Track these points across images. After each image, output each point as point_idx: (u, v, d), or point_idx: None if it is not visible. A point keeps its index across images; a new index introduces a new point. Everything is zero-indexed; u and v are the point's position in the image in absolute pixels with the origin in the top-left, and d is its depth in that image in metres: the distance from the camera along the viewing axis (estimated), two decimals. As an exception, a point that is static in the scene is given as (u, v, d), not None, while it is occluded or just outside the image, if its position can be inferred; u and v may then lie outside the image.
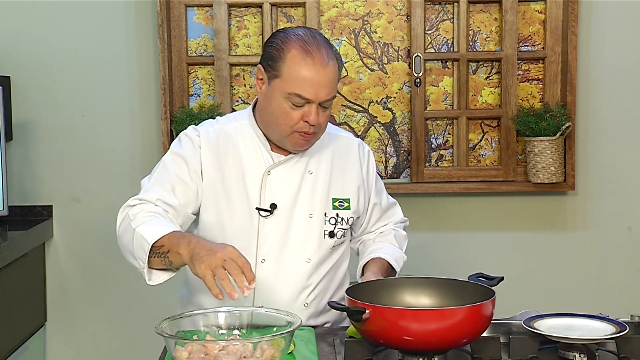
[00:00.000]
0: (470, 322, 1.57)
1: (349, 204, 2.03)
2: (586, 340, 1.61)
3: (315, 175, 2.00)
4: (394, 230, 2.20)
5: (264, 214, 1.94)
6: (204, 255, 1.62)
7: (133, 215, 1.82)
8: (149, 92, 3.08)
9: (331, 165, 2.03)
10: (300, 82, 1.85)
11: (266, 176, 1.96)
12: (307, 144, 1.94)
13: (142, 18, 3.06)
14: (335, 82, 1.90)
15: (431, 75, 3.13)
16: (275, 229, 1.95)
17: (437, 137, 3.15)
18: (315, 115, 1.87)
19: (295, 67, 1.85)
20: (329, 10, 3.10)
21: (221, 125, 2.01)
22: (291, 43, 1.87)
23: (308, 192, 1.98)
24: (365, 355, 1.64)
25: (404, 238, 2.23)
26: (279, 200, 1.95)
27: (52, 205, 3.10)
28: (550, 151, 2.99)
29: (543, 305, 2.59)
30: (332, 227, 2.00)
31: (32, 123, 3.08)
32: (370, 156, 2.14)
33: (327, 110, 1.91)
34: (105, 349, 3.16)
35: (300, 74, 1.85)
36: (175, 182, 1.91)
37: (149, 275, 1.77)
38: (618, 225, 3.16)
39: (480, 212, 3.16)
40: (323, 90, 1.86)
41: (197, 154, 1.94)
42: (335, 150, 2.06)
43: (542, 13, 3.11)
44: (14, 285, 2.80)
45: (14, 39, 3.05)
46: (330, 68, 1.87)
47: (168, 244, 1.72)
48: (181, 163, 1.93)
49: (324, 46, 1.89)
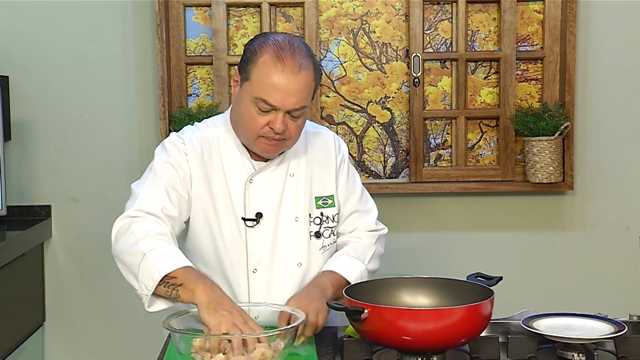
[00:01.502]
0: (468, 322, 1.57)
1: (332, 200, 1.99)
2: (585, 340, 1.61)
3: (296, 177, 1.96)
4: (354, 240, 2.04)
5: (250, 223, 1.91)
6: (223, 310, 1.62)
7: (140, 232, 1.75)
8: (147, 92, 3.08)
9: (309, 163, 1.99)
10: (267, 87, 1.79)
11: (249, 185, 1.92)
12: (274, 150, 1.88)
13: (140, 18, 3.05)
14: (307, 92, 1.82)
15: (430, 75, 3.13)
16: (263, 238, 1.91)
17: (436, 137, 3.16)
18: (281, 124, 1.81)
19: (265, 72, 1.80)
20: (328, 10, 3.10)
21: (202, 132, 1.96)
22: (265, 47, 1.82)
23: (292, 196, 1.95)
24: (364, 355, 1.64)
25: (367, 247, 2.04)
26: (264, 208, 1.92)
27: (50, 205, 3.10)
28: (548, 151, 2.99)
29: (541, 305, 2.58)
30: (317, 227, 1.97)
31: (30, 123, 3.08)
32: (343, 150, 2.06)
33: (297, 119, 1.84)
34: (104, 349, 3.16)
35: (268, 79, 1.79)
36: (169, 190, 1.85)
37: (150, 302, 1.72)
38: (616, 225, 3.16)
39: (478, 212, 3.16)
40: (290, 99, 1.79)
41: (185, 161, 1.89)
42: (312, 148, 2.00)
43: (541, 13, 3.11)
44: (12, 285, 2.80)
45: (12, 39, 3.05)
46: (302, 77, 1.80)
47: (182, 278, 1.68)
48: (171, 170, 1.87)
49: (300, 54, 1.82)
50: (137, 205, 1.80)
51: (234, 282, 1.92)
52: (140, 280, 1.71)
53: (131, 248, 1.74)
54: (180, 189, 1.87)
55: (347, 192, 2.04)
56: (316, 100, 3.07)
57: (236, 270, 1.92)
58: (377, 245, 2.07)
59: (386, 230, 2.11)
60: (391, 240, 3.12)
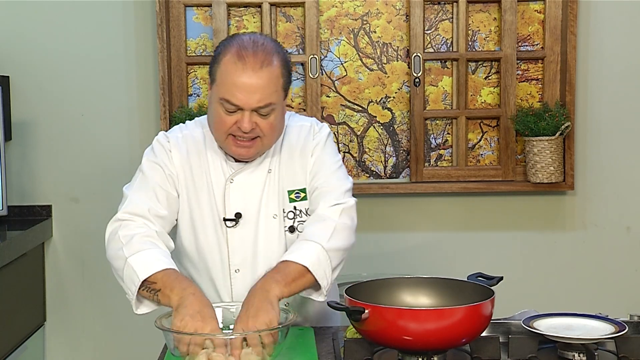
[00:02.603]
0: (469, 321, 1.57)
1: (305, 193, 1.93)
2: (585, 340, 1.61)
3: (273, 173, 1.93)
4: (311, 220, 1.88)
5: (229, 224, 1.90)
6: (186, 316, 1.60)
7: (125, 237, 1.77)
8: (148, 91, 3.08)
9: (285, 158, 1.94)
10: (229, 87, 1.77)
11: (229, 184, 1.90)
12: (247, 151, 1.84)
13: (141, 18, 3.06)
14: (271, 89, 1.78)
15: (430, 75, 3.13)
16: (243, 237, 1.90)
17: (437, 137, 3.16)
18: (248, 123, 1.77)
19: (227, 72, 1.78)
20: (328, 10, 3.10)
21: (190, 131, 1.96)
22: (228, 48, 1.80)
23: (270, 193, 1.92)
24: (365, 355, 1.64)
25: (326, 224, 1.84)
26: (244, 208, 1.90)
27: (51, 205, 3.10)
28: (549, 151, 2.99)
29: (542, 304, 2.59)
30: (291, 221, 1.93)
31: (31, 123, 3.08)
32: (319, 134, 1.96)
33: (267, 117, 1.80)
34: (104, 349, 3.16)
35: (230, 78, 1.77)
36: (157, 190, 1.87)
37: (136, 305, 1.76)
38: (617, 225, 3.16)
39: (479, 212, 3.16)
40: (253, 97, 1.76)
41: (170, 160, 1.90)
42: (289, 142, 1.95)
43: (541, 13, 3.11)
44: (13, 285, 2.80)
45: (13, 39, 3.05)
46: (264, 74, 1.76)
47: (161, 283, 1.69)
48: (158, 170, 1.90)
49: (264, 51, 1.78)
50: (125, 207, 1.84)
51: (218, 282, 1.92)
52: (125, 284, 1.75)
53: (117, 253, 1.77)
54: (169, 187, 1.89)
55: (315, 169, 1.94)
56: (316, 100, 3.07)
57: (219, 270, 1.91)
58: (342, 219, 1.86)
59: (352, 201, 1.90)
60: (392, 240, 3.15)
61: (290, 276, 1.73)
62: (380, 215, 3.15)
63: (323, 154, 1.94)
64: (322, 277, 1.77)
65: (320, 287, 1.78)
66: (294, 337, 1.78)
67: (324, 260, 1.78)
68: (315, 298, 1.82)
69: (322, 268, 1.77)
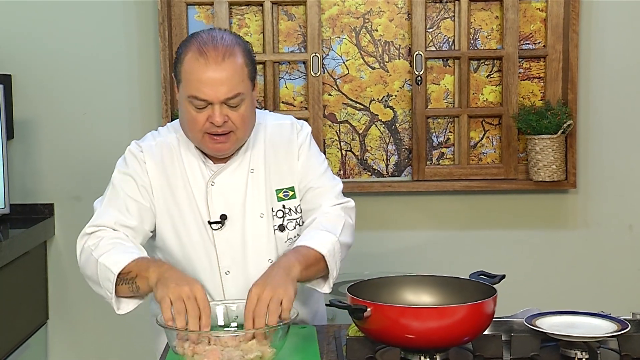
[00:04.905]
0: (471, 320, 1.57)
1: (293, 192, 1.94)
2: (588, 338, 1.61)
3: (257, 173, 1.92)
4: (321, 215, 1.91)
5: (215, 226, 1.88)
6: (171, 282, 1.60)
7: (93, 245, 1.79)
8: (150, 90, 3.08)
9: (269, 157, 1.94)
10: (195, 83, 1.77)
11: (210, 187, 1.89)
12: (224, 147, 1.84)
13: (143, 16, 3.06)
14: (237, 79, 1.79)
15: (432, 74, 3.13)
16: (231, 238, 1.89)
17: (438, 136, 3.15)
18: (220, 116, 1.78)
19: (190, 69, 1.78)
20: (330, 8, 3.10)
21: (163, 137, 1.95)
22: (189, 46, 1.81)
23: (254, 192, 1.91)
24: (367, 353, 1.64)
25: (337, 218, 1.91)
26: (228, 209, 1.89)
27: (53, 203, 3.11)
28: (551, 149, 2.99)
29: (545, 303, 2.58)
30: (280, 220, 1.92)
31: (33, 121, 3.09)
32: (302, 133, 1.97)
33: (238, 108, 1.80)
34: (107, 347, 3.17)
35: (195, 75, 1.78)
36: (127, 201, 1.87)
37: (117, 305, 1.76)
38: (619, 224, 3.16)
39: (481, 210, 3.16)
40: (220, 89, 1.77)
41: (144, 169, 1.90)
42: (270, 140, 1.95)
43: (543, 11, 3.11)
44: (15, 283, 2.80)
45: (15, 37, 3.05)
46: (228, 65, 1.77)
47: (136, 269, 1.70)
48: (130, 181, 1.89)
49: (224, 43, 1.79)
50: (92, 221, 1.87)
51: (208, 285, 1.89)
52: (102, 286, 1.74)
53: (88, 260, 1.79)
54: (140, 198, 1.88)
55: (305, 169, 1.96)
56: (318, 98, 3.07)
57: (208, 274, 1.90)
58: (347, 217, 1.93)
59: (352, 202, 1.98)
60: (394, 239, 3.15)
61: (308, 261, 1.75)
62: (382, 213, 3.15)
63: (310, 155, 1.96)
64: (333, 267, 1.80)
65: (328, 278, 1.80)
66: (296, 335, 1.78)
67: (337, 252, 1.82)
68: (320, 289, 1.83)
69: (334, 259, 1.80)
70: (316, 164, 1.97)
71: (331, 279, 1.81)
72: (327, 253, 1.78)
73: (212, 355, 1.53)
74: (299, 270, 1.71)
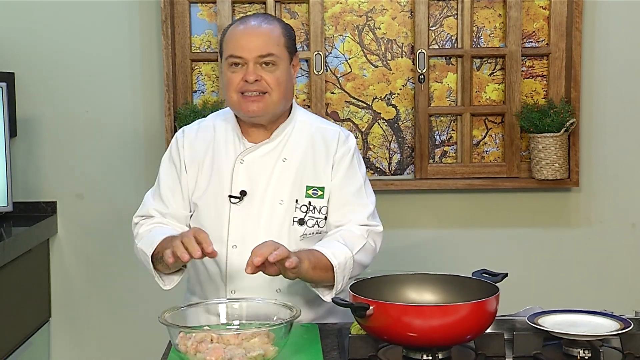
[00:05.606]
0: (474, 318, 1.57)
1: (323, 192, 1.98)
2: (590, 337, 1.61)
3: (288, 162, 1.98)
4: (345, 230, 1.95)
5: (234, 200, 1.96)
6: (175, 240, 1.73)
7: (136, 234, 2.00)
8: (152, 88, 3.08)
9: (306, 152, 2.00)
10: (232, 43, 1.92)
11: (238, 164, 1.98)
12: (256, 105, 1.92)
13: (145, 14, 3.06)
14: (273, 40, 1.92)
15: (435, 72, 3.13)
16: (245, 216, 1.96)
17: (441, 134, 3.15)
18: (252, 74, 1.89)
19: (231, 35, 1.94)
20: (333, 6, 3.10)
21: (209, 121, 2.08)
22: (233, 24, 1.98)
23: (280, 179, 1.97)
24: (369, 351, 1.64)
25: (358, 238, 1.94)
26: (251, 187, 1.96)
27: (56, 201, 3.11)
28: (554, 147, 2.99)
29: (547, 301, 2.57)
30: (302, 214, 1.97)
31: (36, 119, 3.09)
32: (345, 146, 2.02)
33: (272, 70, 1.92)
34: (110, 345, 3.17)
35: (233, 37, 1.93)
36: (167, 189, 2.02)
37: (162, 281, 1.91)
38: (622, 222, 3.16)
39: (484, 208, 3.16)
40: (253, 43, 1.90)
41: (182, 155, 2.02)
42: (313, 139, 2.02)
43: (547, 9, 3.11)
44: (18, 281, 2.81)
45: (18, 36, 3.06)
46: (264, 29, 1.92)
47: (160, 247, 1.84)
48: (172, 168, 2.04)
49: (264, 16, 1.97)
50: (138, 212, 2.05)
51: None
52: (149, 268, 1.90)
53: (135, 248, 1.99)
54: (178, 183, 2.02)
55: (344, 181, 2.00)
56: (321, 96, 3.07)
57: (217, 245, 1.88)
58: (369, 240, 1.98)
59: (380, 228, 2.03)
60: (396, 237, 3.15)
61: (318, 264, 1.82)
62: (384, 211, 3.10)
63: (349, 168, 2.01)
64: (339, 280, 1.86)
65: (333, 289, 1.86)
66: (299, 333, 1.78)
67: (348, 267, 1.88)
68: (322, 295, 1.89)
69: (343, 273, 1.86)
70: (353, 180, 2.01)
71: (335, 290, 1.86)
72: (338, 265, 1.84)
73: (214, 353, 1.53)
74: (306, 267, 1.78)
